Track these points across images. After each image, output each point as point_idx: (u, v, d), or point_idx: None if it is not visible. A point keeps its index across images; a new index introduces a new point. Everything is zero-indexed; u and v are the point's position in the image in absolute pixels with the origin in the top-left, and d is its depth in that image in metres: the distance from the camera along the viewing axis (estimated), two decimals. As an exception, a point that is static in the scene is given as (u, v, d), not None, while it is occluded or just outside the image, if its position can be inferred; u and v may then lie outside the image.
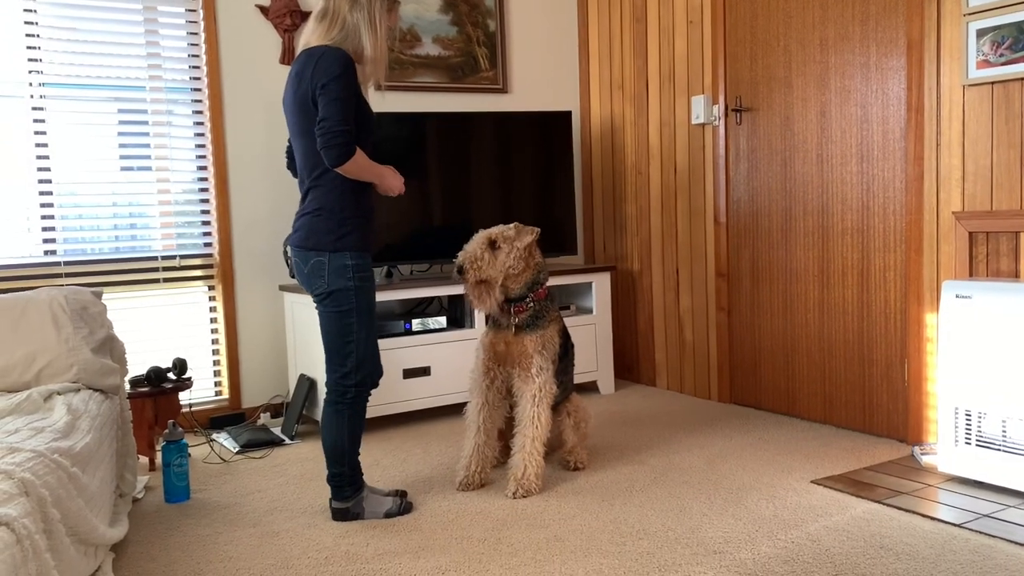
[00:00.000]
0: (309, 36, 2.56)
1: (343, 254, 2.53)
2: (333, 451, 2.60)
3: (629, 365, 4.61)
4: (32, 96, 3.54)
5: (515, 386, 2.89)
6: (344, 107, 2.42)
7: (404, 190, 2.68)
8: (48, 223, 3.59)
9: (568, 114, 4.31)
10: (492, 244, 2.82)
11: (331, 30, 2.52)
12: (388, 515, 2.66)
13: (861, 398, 3.39)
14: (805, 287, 3.59)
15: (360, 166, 2.50)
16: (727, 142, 3.89)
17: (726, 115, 3.87)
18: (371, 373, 2.61)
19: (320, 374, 3.66)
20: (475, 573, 2.22)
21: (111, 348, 2.88)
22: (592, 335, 4.29)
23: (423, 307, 4.26)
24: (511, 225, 2.88)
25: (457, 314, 4.08)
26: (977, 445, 2.71)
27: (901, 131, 3.16)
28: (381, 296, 3.77)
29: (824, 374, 3.54)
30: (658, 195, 4.31)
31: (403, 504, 2.69)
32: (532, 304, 2.89)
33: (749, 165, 3.80)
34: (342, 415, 2.60)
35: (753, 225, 3.81)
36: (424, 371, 3.85)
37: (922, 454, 3.01)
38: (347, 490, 2.64)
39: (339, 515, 2.65)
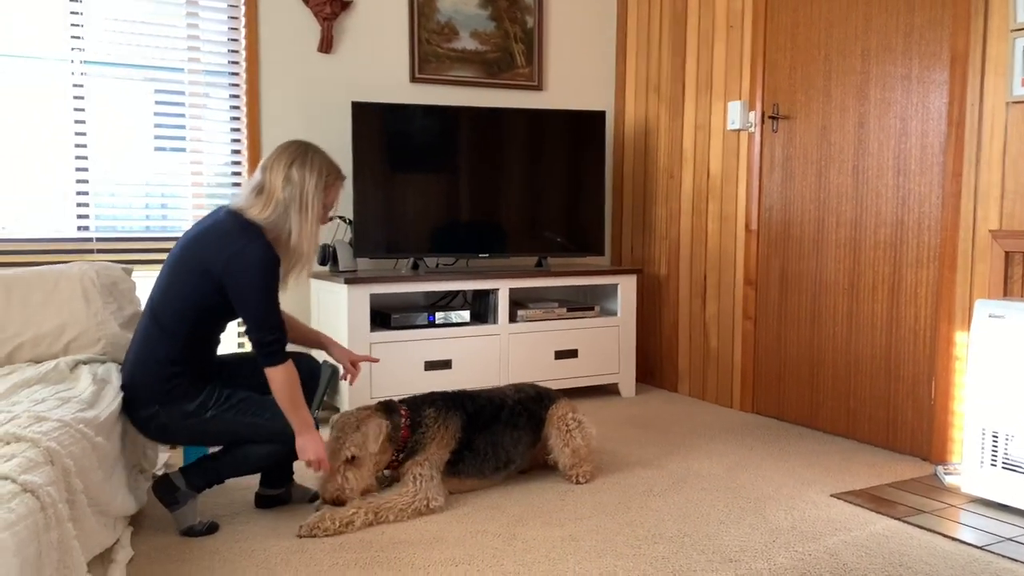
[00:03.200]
0: (245, 203, 2.42)
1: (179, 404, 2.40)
2: (236, 457, 2.47)
3: (651, 369, 4.59)
4: (73, 74, 3.58)
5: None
6: (273, 301, 2.35)
7: (320, 468, 2.45)
8: (83, 199, 3.63)
9: (602, 114, 4.30)
10: (350, 461, 2.55)
11: (265, 208, 2.40)
12: (187, 532, 2.44)
13: (886, 414, 3.35)
14: (834, 299, 3.55)
15: (292, 384, 2.37)
16: (762, 149, 3.86)
17: (762, 122, 3.84)
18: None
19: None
20: (488, 567, 2.22)
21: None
22: (615, 338, 4.27)
23: (447, 300, 4.27)
24: (353, 421, 2.59)
25: (481, 309, 4.07)
26: (1003, 467, 2.66)
27: (940, 146, 3.11)
28: (407, 288, 3.78)
29: (849, 388, 3.50)
30: (689, 199, 4.28)
31: (211, 526, 2.47)
32: (402, 454, 2.67)
33: (783, 173, 3.76)
34: (278, 452, 2.46)
35: (784, 234, 3.77)
36: (445, 364, 3.85)
37: (945, 474, 2.97)
38: (197, 481, 2.46)
39: (164, 485, 2.43)
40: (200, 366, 2.46)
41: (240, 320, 2.56)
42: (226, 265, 2.32)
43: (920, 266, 3.20)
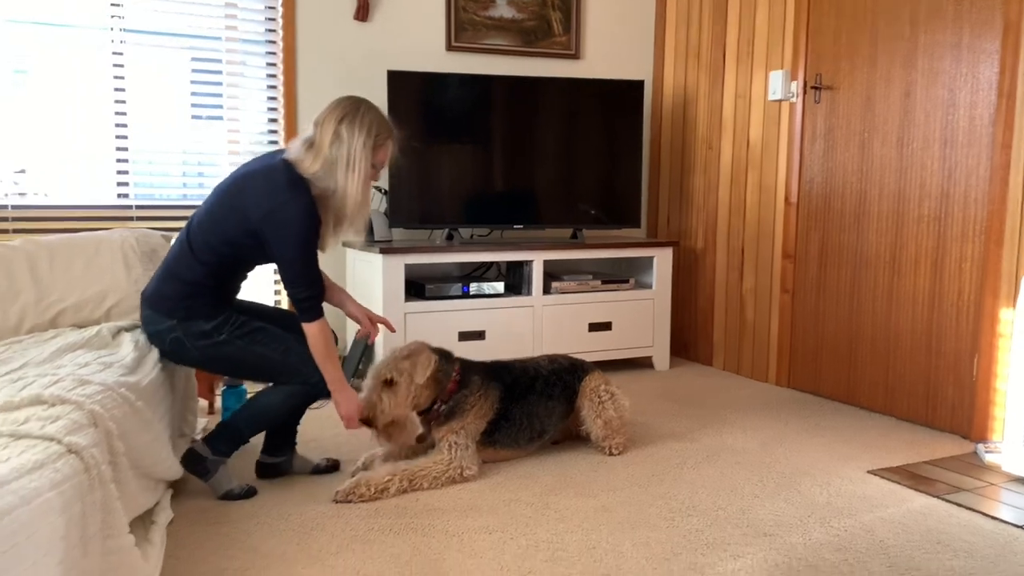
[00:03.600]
0: (297, 153, 2.41)
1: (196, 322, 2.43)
2: (251, 411, 2.51)
3: (686, 343, 4.56)
4: (112, 42, 3.61)
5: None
6: (312, 257, 2.39)
7: (351, 426, 2.52)
8: (122, 166, 3.67)
9: (640, 83, 4.24)
10: (388, 383, 2.58)
11: (314, 163, 2.39)
12: (225, 496, 2.47)
13: (925, 390, 3.30)
14: (875, 273, 3.49)
15: (326, 339, 2.42)
16: (804, 120, 3.78)
17: (804, 92, 3.76)
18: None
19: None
20: (521, 535, 2.23)
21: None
22: (650, 311, 4.24)
23: (481, 271, 4.26)
24: (404, 350, 2.65)
25: (515, 280, 4.07)
26: (1047, 446, 2.61)
27: (990, 117, 3.03)
28: (441, 258, 3.78)
29: (888, 364, 3.44)
30: (728, 171, 4.22)
31: (248, 491, 2.50)
32: (444, 406, 2.68)
33: (825, 145, 3.69)
34: (296, 395, 2.49)
35: (825, 207, 3.70)
36: (479, 335, 3.85)
37: (986, 452, 2.92)
38: (222, 447, 2.48)
39: (191, 457, 2.45)
40: (222, 295, 2.49)
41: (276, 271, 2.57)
42: (266, 216, 2.34)
43: (966, 240, 3.13)
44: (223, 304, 2.49)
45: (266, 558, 2.08)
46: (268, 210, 2.34)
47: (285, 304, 3.90)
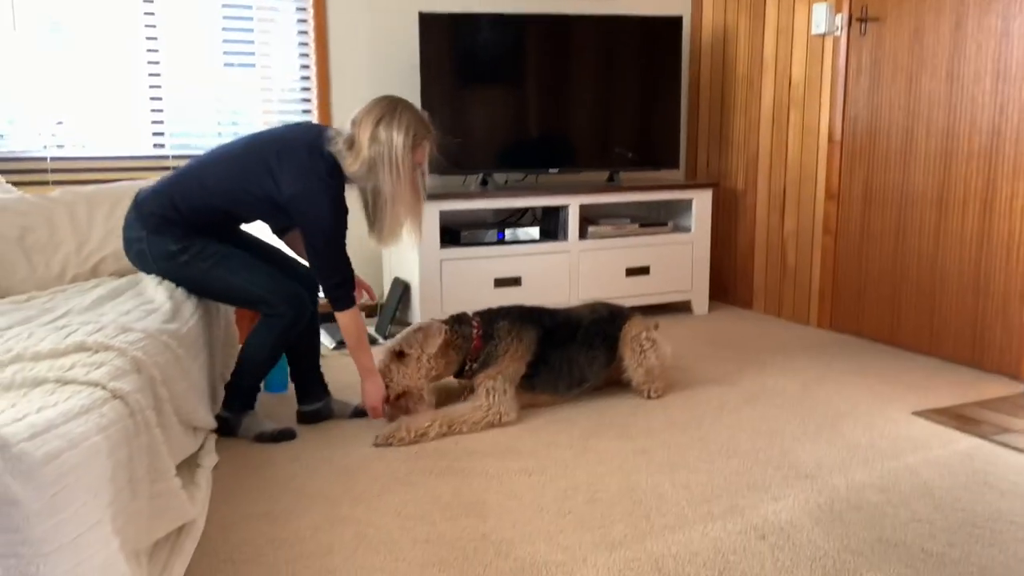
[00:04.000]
0: (338, 149, 2.42)
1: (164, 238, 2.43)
2: (243, 362, 2.52)
3: (725, 287, 4.50)
4: (144, -11, 3.58)
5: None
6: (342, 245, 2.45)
7: (376, 414, 2.60)
8: (157, 116, 3.68)
9: (678, 19, 4.12)
10: (399, 355, 2.62)
11: (354, 163, 2.41)
12: (259, 438, 2.52)
13: (972, 331, 3.23)
14: (920, 212, 3.39)
15: (357, 328, 2.49)
16: (848, 55, 3.65)
17: (849, 25, 3.62)
18: (291, 300, 2.47)
19: (414, 277, 3.70)
20: (560, 477, 2.24)
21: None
22: (688, 254, 4.19)
23: (516, 217, 4.23)
24: (416, 325, 2.68)
25: (550, 226, 4.03)
26: (1099, 387, 2.54)
27: (1046, 46, 2.89)
28: (476, 204, 3.75)
29: (933, 304, 3.37)
30: (769, 110, 4.11)
31: (282, 432, 2.53)
32: (475, 364, 2.70)
33: (871, 81, 3.56)
34: (273, 329, 2.48)
35: (870, 145, 3.60)
36: (515, 281, 3.84)
37: (1035, 393, 2.86)
38: (236, 403, 2.53)
39: (221, 423, 2.49)
40: (203, 229, 2.47)
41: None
42: (298, 195, 2.37)
43: (1017, 178, 3.02)
44: (199, 234, 2.46)
45: (310, 499, 2.11)
46: (302, 190, 2.36)
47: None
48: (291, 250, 2.80)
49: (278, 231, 2.81)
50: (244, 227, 2.68)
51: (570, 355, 2.81)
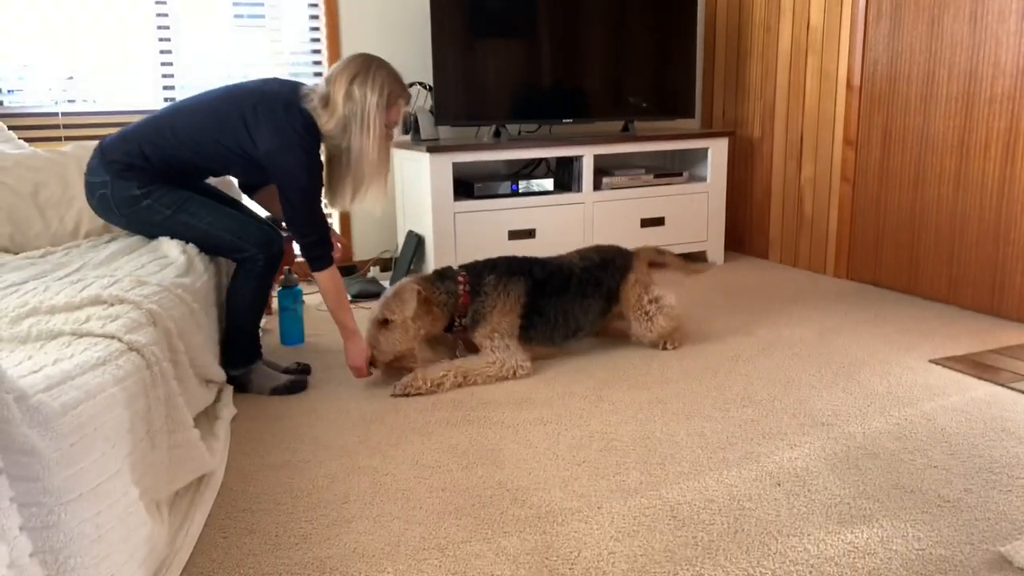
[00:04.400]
0: (314, 107, 2.38)
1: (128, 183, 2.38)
2: (228, 318, 2.49)
3: (740, 236, 4.47)
4: (149, -60, 3.53)
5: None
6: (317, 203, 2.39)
7: (360, 374, 2.57)
8: (167, 70, 3.65)
9: (693, -35, 4.03)
10: (383, 323, 2.56)
11: (329, 121, 2.37)
12: (274, 391, 2.52)
13: (991, 279, 3.19)
14: (941, 158, 3.33)
15: (336, 288, 2.45)
16: (868, -4, 3.56)
17: (869, -34, 3.53)
18: (260, 241, 2.44)
19: (428, 230, 3.69)
20: (575, 426, 2.24)
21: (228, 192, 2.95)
22: (704, 204, 4.15)
23: (530, 169, 4.20)
24: (390, 291, 2.60)
25: (564, 177, 4.00)
26: (1121, 333, 2.51)
27: (1074, -17, 2.81)
28: (489, 156, 3.72)
29: (952, 252, 3.33)
30: (787, 55, 4.03)
31: (294, 383, 2.54)
32: (463, 321, 2.65)
33: (891, 23, 3.48)
34: (249, 275, 2.46)
35: (889, 90, 3.52)
36: (529, 233, 3.82)
37: (1055, 340, 2.83)
38: (239, 360, 2.50)
39: (231, 382, 2.48)
40: (171, 178, 2.43)
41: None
42: (274, 151, 2.34)
43: (1041, 120, 2.96)
44: (162, 181, 2.41)
45: (328, 449, 2.13)
46: (279, 145, 2.33)
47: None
48: (263, 209, 2.77)
49: (248, 188, 2.77)
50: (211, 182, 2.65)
51: (564, 305, 2.75)
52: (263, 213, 2.78)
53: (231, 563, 1.62)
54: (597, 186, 3.95)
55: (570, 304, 2.77)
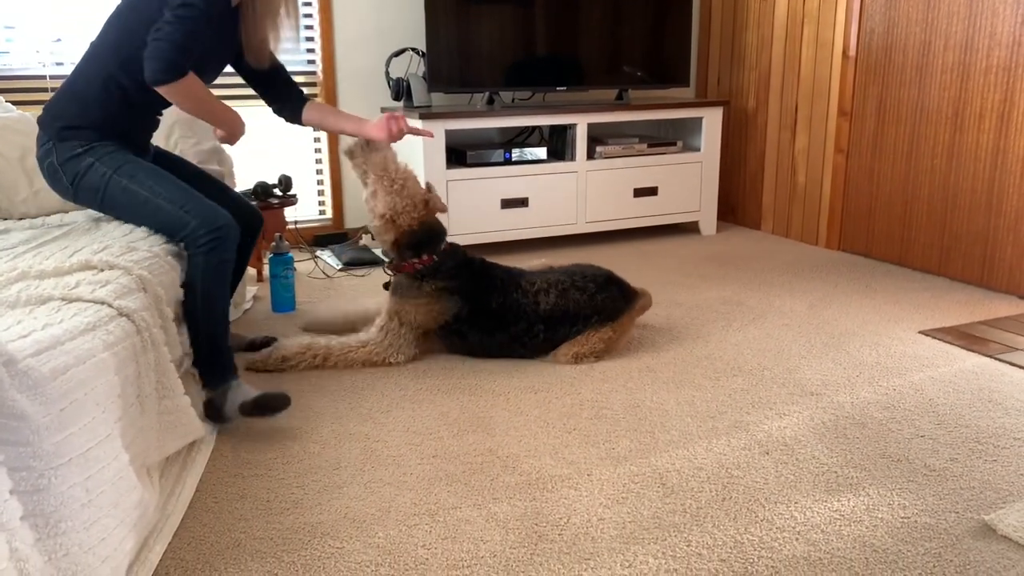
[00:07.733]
0: None
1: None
2: (188, 317, 2.12)
3: (733, 206, 4.46)
4: (136, -101, 3.45)
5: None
6: (193, 28, 2.06)
7: (225, 141, 2.31)
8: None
9: (689, -70, 3.97)
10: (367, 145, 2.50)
11: None
12: (244, 410, 2.04)
13: (982, 251, 3.20)
14: (935, 129, 3.32)
15: (194, 93, 2.10)
16: (865, -35, 3.53)
17: (868, -67, 3.49)
18: (204, 215, 2.11)
19: (420, 198, 3.67)
20: (566, 394, 2.25)
21: (219, 160, 2.93)
22: (697, 174, 4.13)
23: (523, 137, 4.17)
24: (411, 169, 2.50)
25: (558, 146, 3.97)
26: (1109, 305, 2.53)
27: (1073, -47, 2.79)
28: (482, 123, 3.69)
29: (944, 223, 3.33)
30: (783, 24, 4.00)
31: (276, 398, 2.04)
32: (389, 268, 2.52)
33: (888, -8, 3.45)
34: (196, 267, 2.09)
35: (885, 60, 3.50)
36: (522, 202, 3.81)
37: (1044, 312, 2.85)
38: (214, 379, 2.10)
39: (205, 407, 2.10)
40: (117, 132, 2.21)
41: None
42: None
43: (1036, 91, 2.95)
44: (109, 139, 2.19)
45: (319, 416, 2.14)
46: None
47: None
48: (319, 128, 2.55)
49: (289, 112, 2.53)
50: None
51: (501, 340, 2.50)
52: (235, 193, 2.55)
53: (222, 528, 1.63)
54: (591, 155, 3.94)
55: (508, 340, 2.50)
